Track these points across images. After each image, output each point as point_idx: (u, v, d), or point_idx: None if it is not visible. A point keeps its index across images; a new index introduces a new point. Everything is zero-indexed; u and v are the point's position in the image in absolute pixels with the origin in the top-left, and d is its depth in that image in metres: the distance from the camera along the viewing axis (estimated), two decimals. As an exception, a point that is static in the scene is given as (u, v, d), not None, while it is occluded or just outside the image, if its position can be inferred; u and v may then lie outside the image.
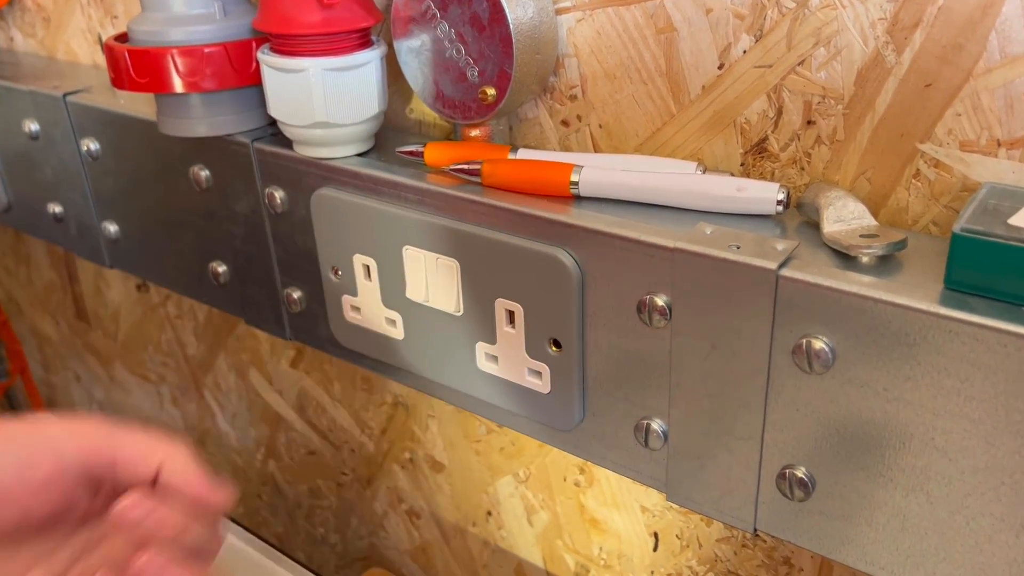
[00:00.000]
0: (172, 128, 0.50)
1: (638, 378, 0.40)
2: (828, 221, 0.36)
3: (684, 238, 0.36)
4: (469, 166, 0.42)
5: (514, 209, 0.40)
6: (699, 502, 0.40)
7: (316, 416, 0.70)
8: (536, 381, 0.43)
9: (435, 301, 0.44)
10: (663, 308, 0.37)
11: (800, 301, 0.34)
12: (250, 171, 0.51)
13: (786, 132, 0.38)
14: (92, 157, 0.61)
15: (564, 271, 0.39)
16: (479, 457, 0.60)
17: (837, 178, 0.38)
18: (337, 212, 0.47)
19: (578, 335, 0.40)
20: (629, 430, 0.41)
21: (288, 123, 0.46)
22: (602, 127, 0.44)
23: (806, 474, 0.37)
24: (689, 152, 0.42)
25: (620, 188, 0.40)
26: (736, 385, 0.37)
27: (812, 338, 0.34)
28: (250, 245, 0.54)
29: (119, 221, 0.63)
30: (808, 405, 0.35)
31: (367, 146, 0.47)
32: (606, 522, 0.55)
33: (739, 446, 0.38)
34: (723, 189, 0.38)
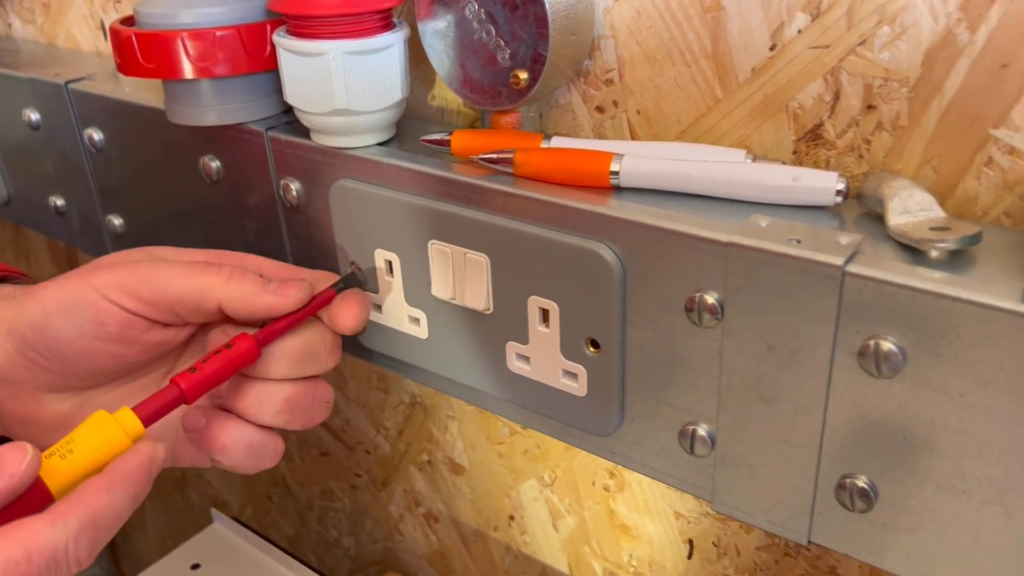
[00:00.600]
0: (181, 116, 0.48)
1: (684, 381, 0.37)
2: (893, 213, 0.33)
3: (738, 231, 0.33)
4: (500, 155, 0.40)
5: (551, 201, 0.38)
6: (748, 512, 0.38)
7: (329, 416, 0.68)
8: (571, 384, 0.40)
9: (463, 299, 0.42)
10: (714, 306, 0.35)
11: (868, 299, 0.31)
12: (264, 162, 0.48)
13: (844, 117, 0.36)
14: (95, 148, 0.58)
15: (605, 267, 0.37)
16: (502, 459, 0.57)
17: (899, 167, 0.36)
18: (358, 205, 0.44)
19: (619, 334, 0.38)
20: (673, 435, 0.39)
21: (305, 110, 0.43)
22: (640, 113, 0.41)
23: (868, 483, 0.34)
24: (736, 140, 0.39)
25: (665, 178, 0.37)
26: (794, 389, 0.34)
27: (880, 339, 0.31)
28: (263, 240, 0.51)
29: (124, 214, 0.60)
30: (874, 411, 0.33)
31: (388, 135, 0.45)
32: (637, 528, 0.52)
33: (795, 454, 0.35)
34: (777, 178, 0.35)
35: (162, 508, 0.95)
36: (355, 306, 0.42)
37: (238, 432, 0.41)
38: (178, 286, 0.40)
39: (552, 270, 0.38)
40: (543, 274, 0.39)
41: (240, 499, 0.83)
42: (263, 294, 0.40)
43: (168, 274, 0.40)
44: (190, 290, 0.40)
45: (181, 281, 0.40)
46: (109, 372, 0.42)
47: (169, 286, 0.40)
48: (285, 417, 0.41)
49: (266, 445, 0.42)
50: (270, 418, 0.41)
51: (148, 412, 0.37)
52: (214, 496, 0.87)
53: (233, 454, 0.41)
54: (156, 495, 0.95)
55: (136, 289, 0.39)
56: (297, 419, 0.42)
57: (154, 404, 0.37)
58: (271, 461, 0.42)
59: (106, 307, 0.39)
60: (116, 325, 0.40)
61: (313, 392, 0.42)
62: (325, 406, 0.43)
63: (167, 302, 0.40)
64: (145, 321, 0.40)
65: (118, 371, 0.42)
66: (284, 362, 0.40)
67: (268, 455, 0.42)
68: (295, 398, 0.41)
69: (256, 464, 0.42)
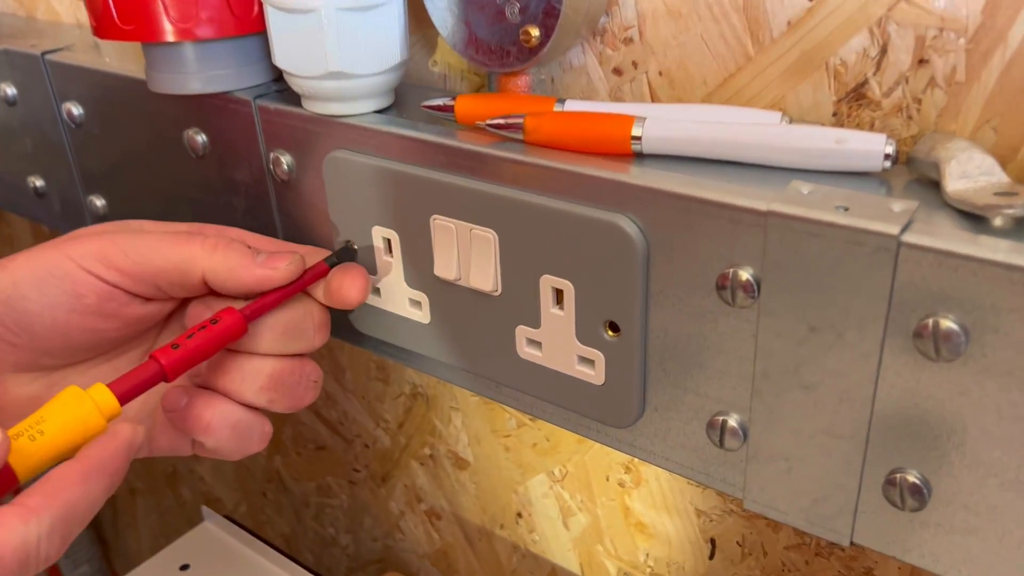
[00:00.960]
0: (163, 85, 0.44)
1: (714, 366, 0.34)
2: (951, 177, 0.30)
3: (780, 199, 0.30)
4: (509, 120, 0.36)
5: (565, 169, 0.34)
6: (784, 511, 0.35)
7: (325, 408, 0.65)
8: (588, 371, 0.37)
9: (468, 279, 0.38)
10: (749, 283, 0.31)
11: (926, 273, 0.28)
12: (252, 133, 0.45)
13: (891, 74, 0.32)
14: (75, 123, 0.55)
15: (626, 241, 0.33)
16: (508, 453, 0.54)
17: (954, 128, 0.32)
18: (353, 178, 0.41)
19: (642, 315, 0.34)
20: (700, 427, 0.35)
21: (296, 74, 0.40)
22: (662, 75, 0.38)
23: (920, 479, 0.31)
24: (769, 101, 0.35)
25: (692, 143, 0.33)
26: (839, 375, 0.31)
27: (940, 318, 0.28)
28: (252, 219, 0.48)
29: (106, 195, 0.57)
30: (930, 398, 0.29)
31: (387, 102, 0.41)
32: (654, 526, 0.49)
33: (838, 446, 0.32)
34: (818, 141, 0.32)
35: (153, 505, 0.92)
36: (358, 276, 0.39)
37: (224, 410, 0.38)
38: (160, 257, 0.37)
39: (567, 246, 0.35)
40: (557, 251, 0.35)
41: (234, 495, 0.80)
42: (251, 266, 0.37)
43: (150, 244, 0.37)
44: (173, 262, 0.37)
45: (163, 252, 0.37)
46: (83, 349, 0.39)
47: (151, 257, 0.37)
48: (269, 395, 0.39)
49: (253, 426, 0.39)
50: (253, 395, 0.38)
51: (125, 389, 0.33)
52: (207, 492, 0.83)
53: (218, 434, 0.38)
54: (147, 492, 0.91)
55: (115, 260, 0.37)
56: (282, 398, 0.39)
57: (131, 381, 0.34)
58: (258, 444, 0.40)
59: (83, 278, 0.37)
60: (93, 297, 0.37)
61: (300, 370, 0.39)
62: (312, 386, 0.40)
63: (148, 274, 0.37)
64: (124, 294, 0.38)
65: (92, 348, 0.39)
66: (268, 335, 0.38)
67: (255, 437, 0.40)
68: (280, 375, 0.39)
69: (242, 447, 0.39)
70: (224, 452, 0.40)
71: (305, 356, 0.40)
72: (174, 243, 0.38)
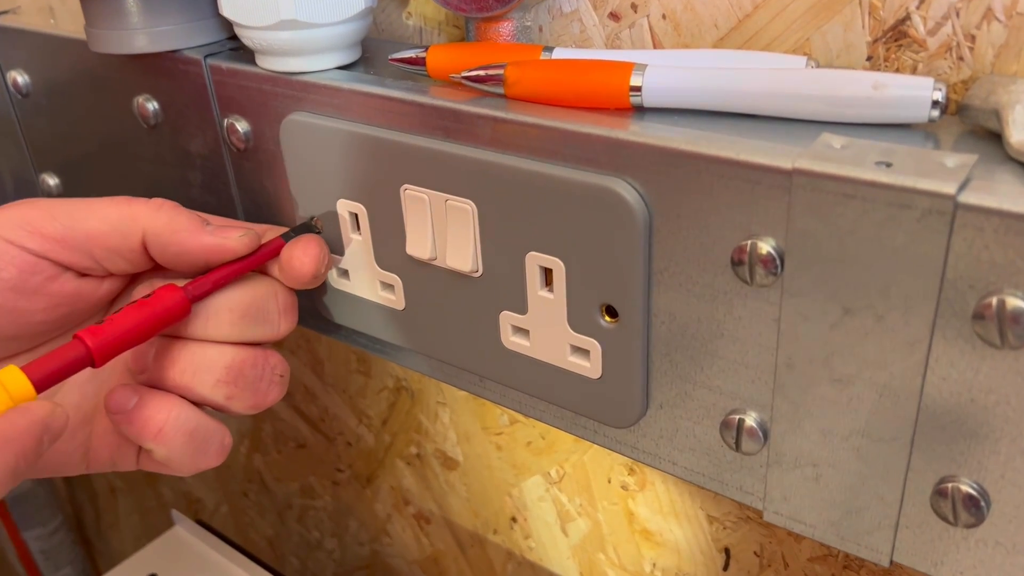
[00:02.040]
0: (104, 43, 0.39)
1: (729, 356, 0.29)
2: (1016, 126, 0.25)
3: (807, 156, 0.25)
4: (487, 72, 0.31)
5: (553, 126, 0.29)
6: (811, 524, 0.30)
7: (305, 403, 0.60)
8: (582, 363, 0.32)
9: (444, 258, 0.33)
10: (770, 258, 0.26)
11: (990, 241, 0.23)
12: (205, 97, 0.40)
13: (938, 7, 0.27)
14: (21, 93, 0.50)
15: (625, 210, 0.28)
16: (501, 453, 0.49)
17: (1015, 69, 0.27)
18: (314, 144, 0.36)
19: (643, 297, 0.29)
20: (713, 427, 0.30)
21: (246, 25, 0.34)
22: (666, 18, 0.32)
23: (978, 489, 0.26)
24: (792, 45, 0.30)
25: (701, 94, 0.28)
26: (878, 365, 0.26)
27: (1007, 296, 0.23)
28: (209, 194, 0.43)
29: (59, 172, 0.52)
30: (991, 393, 0.24)
31: (352, 57, 0.36)
32: (661, 533, 0.44)
33: (876, 450, 0.27)
34: (853, 87, 0.27)
35: (134, 505, 0.87)
36: (311, 245, 0.34)
37: (179, 414, 0.33)
38: (95, 217, 0.33)
39: (556, 218, 0.30)
40: (545, 223, 0.30)
41: (215, 496, 0.75)
42: (199, 232, 0.33)
43: (83, 205, 0.33)
44: (110, 221, 0.33)
45: (99, 211, 0.33)
46: (1, 336, 0.33)
47: (84, 217, 0.32)
48: (227, 390, 0.33)
49: (211, 435, 0.34)
50: (208, 390, 0.33)
51: (42, 374, 0.28)
52: (187, 492, 0.79)
53: (172, 441, 0.33)
54: (126, 490, 0.87)
55: (40, 224, 0.32)
56: (243, 395, 0.34)
57: (50, 364, 0.29)
58: (216, 458, 0.35)
59: (2, 249, 0.32)
60: (13, 269, 0.32)
61: (263, 361, 0.34)
62: (278, 381, 0.35)
63: (80, 238, 0.32)
64: (52, 265, 0.33)
65: (14, 336, 0.33)
66: (226, 319, 0.33)
67: (213, 449, 0.34)
68: (240, 366, 0.33)
69: (196, 460, 0.34)
70: (175, 464, 0.34)
71: (269, 346, 0.35)
72: (112, 203, 0.33)
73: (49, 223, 0.32)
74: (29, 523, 0.88)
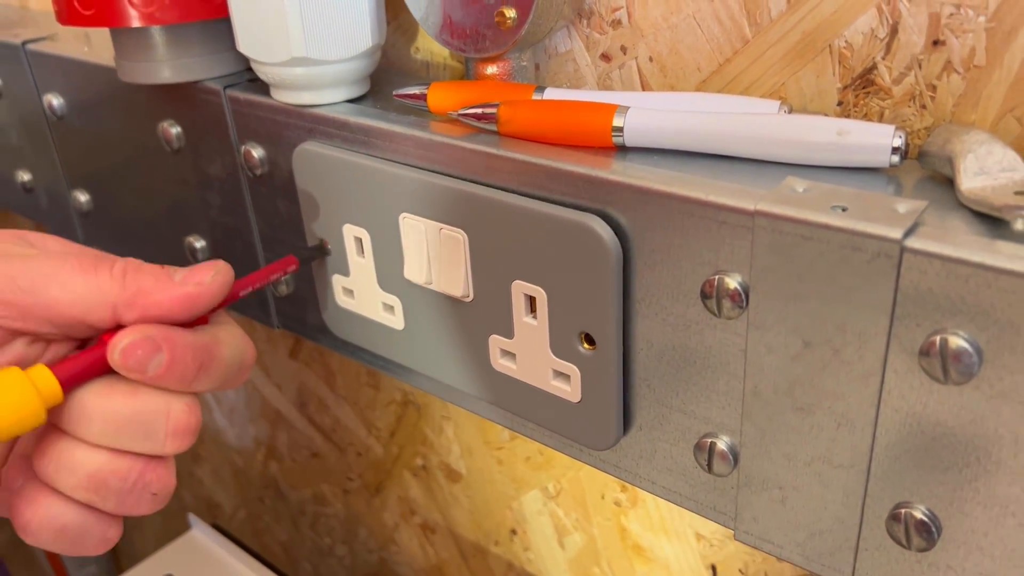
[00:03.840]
0: (131, 74, 0.42)
1: (701, 383, 0.31)
2: (967, 174, 0.26)
3: (769, 198, 0.26)
4: (483, 110, 0.33)
5: (540, 164, 0.31)
6: (778, 544, 0.31)
7: (318, 414, 0.62)
8: (563, 387, 0.34)
9: (438, 283, 0.35)
10: (737, 292, 0.28)
11: (933, 283, 0.24)
12: (224, 125, 0.42)
13: (902, 58, 0.29)
14: (56, 115, 0.53)
15: (599, 246, 0.30)
16: (501, 467, 0.51)
17: (972, 119, 0.28)
18: (323, 172, 0.38)
19: (617, 329, 0.31)
20: (687, 449, 0.32)
21: (261, 61, 0.37)
22: (653, 60, 0.34)
23: (928, 515, 0.27)
24: (768, 89, 0.32)
25: (679, 135, 0.30)
26: (836, 396, 0.27)
27: (949, 334, 0.24)
28: (227, 216, 0.45)
29: (90, 189, 0.55)
30: (938, 426, 0.26)
31: (360, 91, 0.39)
32: (652, 549, 0.46)
33: (836, 475, 0.28)
34: (819, 133, 0.28)
35: (157, 507, 0.90)
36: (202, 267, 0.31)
37: (47, 511, 0.30)
38: (59, 286, 0.29)
39: (539, 250, 0.32)
40: (529, 254, 0.32)
41: (233, 501, 0.78)
42: (169, 286, 0.30)
43: (46, 270, 0.30)
44: (76, 293, 0.29)
45: (63, 279, 0.30)
46: None
47: (46, 285, 0.29)
48: (87, 496, 0.30)
49: (87, 531, 0.31)
50: (69, 491, 0.30)
51: (68, 374, 0.28)
52: (207, 497, 0.81)
53: (37, 536, 0.30)
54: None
55: (1, 291, 0.29)
56: (105, 503, 0.30)
57: (78, 365, 0.29)
58: (94, 549, 0.31)
59: None
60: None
61: (136, 476, 0.30)
62: (150, 499, 0.31)
63: (40, 307, 0.29)
64: (4, 332, 0.30)
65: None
66: (97, 426, 0.29)
67: (90, 543, 0.31)
68: (105, 476, 0.30)
69: (70, 549, 0.31)
70: (54, 550, 0.31)
71: (154, 459, 0.31)
72: (75, 269, 0.30)
73: (10, 291, 0.29)
74: (56, 522, 0.91)
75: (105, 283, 0.30)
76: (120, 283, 0.30)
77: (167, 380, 0.30)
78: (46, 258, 0.30)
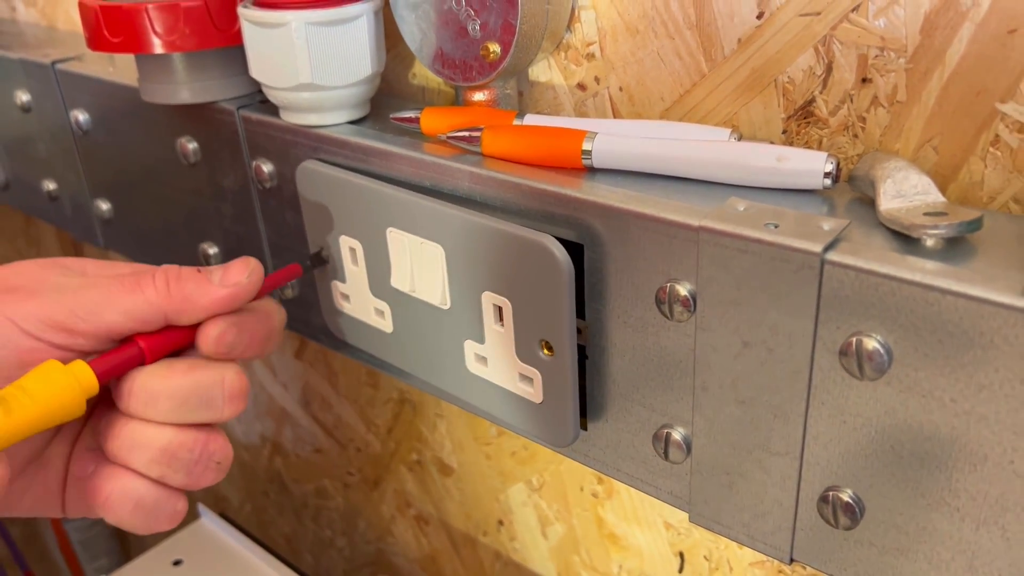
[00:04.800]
0: (153, 95, 0.46)
1: (658, 379, 0.34)
2: (885, 197, 0.30)
3: (711, 216, 0.30)
4: (469, 133, 0.37)
5: (517, 182, 0.35)
6: (727, 525, 0.35)
7: (321, 412, 0.66)
8: (528, 388, 0.37)
9: (420, 291, 0.39)
10: (686, 298, 0.32)
11: (850, 292, 0.28)
12: (237, 142, 0.46)
13: (837, 92, 0.33)
14: (81, 130, 0.57)
15: (553, 263, 0.33)
16: (489, 461, 0.55)
17: (897, 147, 0.32)
18: (321, 188, 0.42)
19: (571, 337, 0.34)
20: (647, 439, 0.36)
21: (271, 86, 0.41)
22: (623, 90, 0.38)
23: (853, 498, 0.31)
24: (723, 118, 0.36)
25: (640, 158, 0.34)
26: (772, 390, 0.31)
27: (864, 336, 0.28)
28: (239, 225, 0.49)
29: (111, 199, 0.59)
30: (858, 417, 0.29)
31: (361, 113, 0.42)
32: (626, 538, 0.49)
33: (774, 462, 0.32)
34: (760, 159, 0.32)
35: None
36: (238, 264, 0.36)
37: (124, 485, 0.34)
38: (113, 311, 0.34)
39: (504, 264, 0.35)
40: (496, 268, 0.36)
41: (239, 494, 0.82)
42: (209, 288, 0.34)
43: (98, 298, 0.34)
44: (130, 313, 0.34)
45: (116, 304, 0.34)
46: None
47: (103, 312, 0.33)
48: (160, 470, 0.34)
49: (160, 505, 0.35)
50: (143, 467, 0.34)
51: (105, 369, 0.33)
52: (215, 490, 0.85)
53: (118, 510, 0.34)
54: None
55: (63, 321, 0.33)
56: (175, 476, 0.34)
57: (112, 361, 0.33)
58: (167, 523, 0.36)
59: (29, 346, 0.33)
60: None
61: (202, 446, 0.35)
62: (215, 467, 0.35)
63: (103, 330, 0.34)
64: (79, 355, 0.34)
65: None
66: (164, 404, 0.34)
67: (163, 517, 0.35)
68: (176, 450, 0.34)
69: (145, 523, 0.35)
70: (126, 528, 0.35)
71: (213, 429, 0.35)
72: (123, 290, 0.34)
73: (70, 318, 0.33)
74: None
75: (152, 297, 0.34)
76: (165, 294, 0.34)
77: (245, 354, 0.35)
78: (95, 286, 0.34)
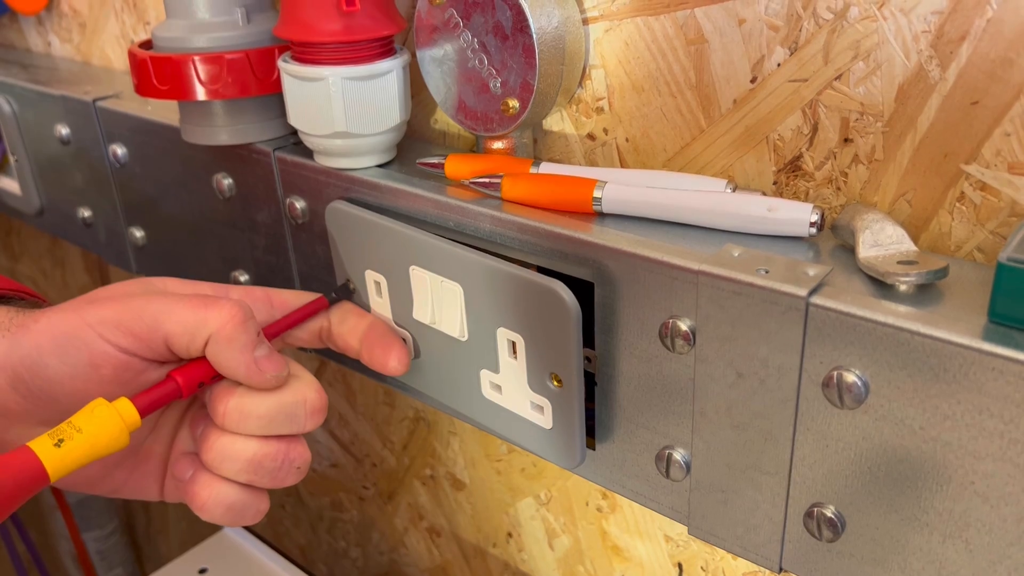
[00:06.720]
0: (195, 136, 0.50)
1: (660, 405, 0.38)
2: (864, 245, 0.34)
3: (709, 260, 0.34)
4: (489, 179, 0.41)
5: (534, 225, 0.39)
6: (722, 537, 0.38)
7: (339, 428, 0.69)
8: (538, 416, 0.41)
9: (441, 324, 0.43)
10: (686, 333, 0.35)
11: (832, 331, 0.32)
12: (271, 180, 0.50)
13: (821, 150, 0.36)
14: (119, 163, 0.61)
15: (562, 306, 0.37)
16: (500, 477, 0.58)
17: (875, 200, 0.36)
18: (349, 226, 0.45)
19: (578, 372, 0.38)
20: (650, 459, 0.39)
21: (308, 132, 0.45)
22: (629, 141, 0.42)
23: (835, 513, 0.34)
24: (719, 169, 0.40)
25: (645, 206, 0.38)
26: (763, 417, 0.35)
27: (844, 371, 0.32)
28: (271, 255, 0.53)
29: (145, 227, 0.63)
30: (839, 441, 0.33)
31: (388, 157, 0.46)
32: (628, 550, 0.53)
33: (765, 481, 0.36)
34: (753, 209, 0.36)
35: (183, 512, 0.97)
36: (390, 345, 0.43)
37: (219, 492, 0.39)
38: (172, 321, 0.37)
39: (517, 304, 0.39)
40: (510, 307, 0.39)
41: (256, 507, 0.85)
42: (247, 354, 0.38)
43: (163, 307, 0.38)
44: (183, 325, 0.37)
45: (176, 315, 0.37)
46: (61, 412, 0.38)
47: (163, 320, 0.37)
48: (248, 477, 0.39)
49: (248, 506, 0.40)
50: (233, 475, 0.39)
51: (145, 404, 0.37)
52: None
53: (213, 512, 0.40)
54: (178, 500, 0.97)
55: (130, 324, 0.37)
56: (262, 480, 0.39)
57: (152, 396, 0.37)
58: (252, 519, 0.41)
59: (100, 347, 0.37)
60: (109, 368, 0.38)
61: (284, 455, 0.39)
62: (296, 472, 0.40)
63: (159, 338, 0.38)
64: (140, 361, 0.38)
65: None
66: (253, 423, 0.38)
67: (249, 515, 0.40)
68: (262, 460, 0.39)
69: (235, 521, 0.40)
70: (220, 524, 0.41)
71: (294, 438, 0.40)
72: (188, 306, 0.38)
73: (136, 322, 0.37)
74: (89, 525, 0.99)
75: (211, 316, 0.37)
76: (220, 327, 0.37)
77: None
78: (166, 298, 0.38)
